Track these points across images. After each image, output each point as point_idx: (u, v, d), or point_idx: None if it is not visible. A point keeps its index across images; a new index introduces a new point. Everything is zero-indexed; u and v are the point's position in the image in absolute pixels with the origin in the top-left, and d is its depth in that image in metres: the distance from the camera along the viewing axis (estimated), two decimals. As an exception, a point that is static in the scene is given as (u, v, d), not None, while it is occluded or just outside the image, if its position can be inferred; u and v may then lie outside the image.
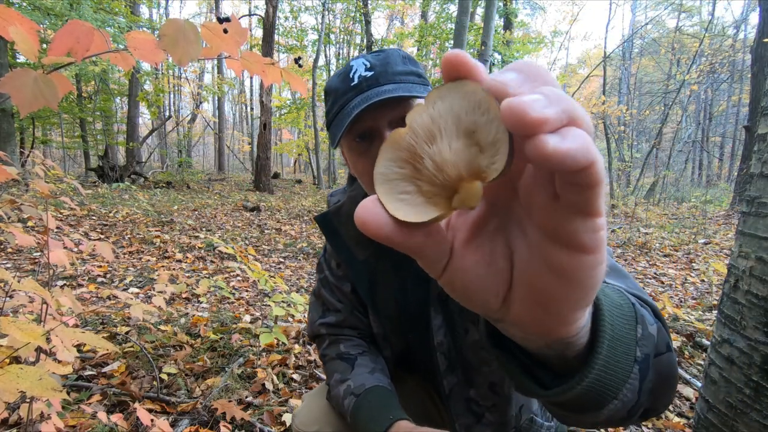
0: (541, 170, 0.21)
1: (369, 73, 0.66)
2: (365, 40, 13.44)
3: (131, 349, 1.89)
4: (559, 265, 0.21)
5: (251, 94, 22.98)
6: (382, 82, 0.66)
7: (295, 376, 1.84)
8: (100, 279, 3.04)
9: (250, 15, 14.79)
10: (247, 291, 3.12)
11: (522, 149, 0.18)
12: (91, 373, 1.72)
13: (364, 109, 0.63)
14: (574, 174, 0.18)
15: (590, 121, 0.19)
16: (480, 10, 11.58)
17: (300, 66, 0.94)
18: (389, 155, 0.24)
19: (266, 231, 5.62)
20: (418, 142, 0.23)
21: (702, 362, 2.07)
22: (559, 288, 0.22)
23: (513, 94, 0.18)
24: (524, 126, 0.17)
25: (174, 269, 3.44)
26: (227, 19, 0.64)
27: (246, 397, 1.65)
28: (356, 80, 0.66)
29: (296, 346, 2.10)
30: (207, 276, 3.37)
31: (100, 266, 3.31)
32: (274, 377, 1.79)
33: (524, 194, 0.22)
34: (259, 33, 13.28)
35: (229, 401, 1.54)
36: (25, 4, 6.64)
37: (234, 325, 2.30)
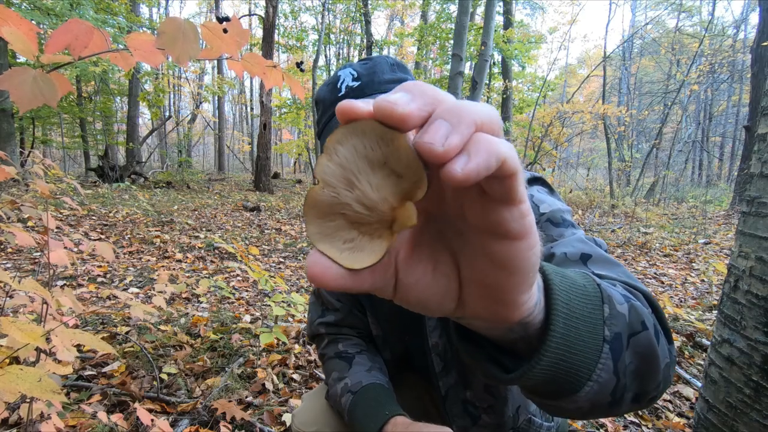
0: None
1: (355, 84, 0.67)
2: (365, 40, 13.44)
3: (131, 349, 1.89)
4: (498, 256, 0.23)
5: (251, 94, 22.98)
6: (368, 93, 0.66)
7: (295, 376, 1.84)
8: (100, 279, 3.04)
9: (250, 15, 14.80)
10: (247, 291, 3.12)
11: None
12: (91, 373, 1.72)
13: None
14: (495, 174, 0.20)
15: (491, 114, 0.20)
16: (480, 10, 11.57)
17: (302, 71, 0.94)
18: (315, 214, 0.23)
19: (266, 231, 5.61)
20: (338, 193, 0.22)
21: (702, 362, 2.07)
22: (502, 276, 0.24)
23: (402, 112, 0.19)
24: (436, 159, 0.19)
25: (174, 269, 3.44)
26: (227, 19, 0.64)
27: (246, 397, 1.65)
28: (343, 90, 0.67)
29: (296, 346, 2.10)
30: (207, 276, 3.37)
31: (100, 266, 3.31)
32: (274, 377, 1.79)
33: (453, 199, 0.24)
34: (259, 33, 13.28)
35: (229, 401, 1.54)
36: (25, 4, 6.64)
37: (234, 325, 2.29)
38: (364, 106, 0.21)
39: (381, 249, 0.23)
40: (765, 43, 7.10)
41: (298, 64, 0.91)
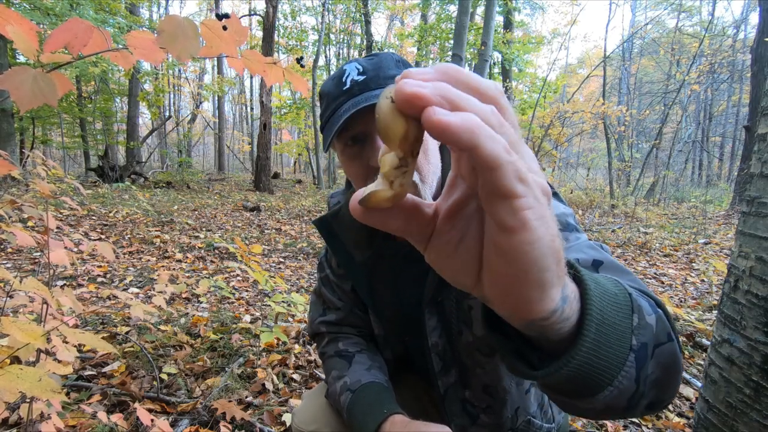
0: (454, 150, 0.26)
1: (361, 78, 0.66)
2: (365, 41, 13.45)
3: (131, 349, 1.89)
4: (498, 244, 0.24)
5: (251, 94, 22.98)
6: (373, 87, 0.66)
7: (295, 376, 1.84)
8: (100, 279, 3.04)
9: (250, 15, 14.78)
10: (247, 291, 3.12)
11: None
12: (91, 373, 1.72)
13: (354, 114, 0.63)
14: (468, 153, 0.21)
15: (488, 108, 0.22)
16: (480, 10, 11.58)
17: (302, 66, 0.94)
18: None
19: (266, 231, 5.62)
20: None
21: (702, 362, 2.07)
22: (504, 266, 0.25)
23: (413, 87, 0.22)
24: (411, 100, 0.21)
25: (174, 269, 3.44)
26: (226, 16, 0.64)
27: (246, 397, 1.65)
28: (348, 84, 0.67)
29: (296, 346, 2.10)
30: (207, 276, 3.37)
31: (100, 266, 3.31)
32: (274, 377, 1.79)
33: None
34: (259, 33, 13.30)
35: (229, 401, 1.54)
36: (25, 4, 6.64)
37: (234, 325, 2.29)
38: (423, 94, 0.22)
39: (373, 187, 0.25)
40: (766, 40, 7.09)
41: (299, 60, 0.90)
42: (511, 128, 0.23)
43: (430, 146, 0.71)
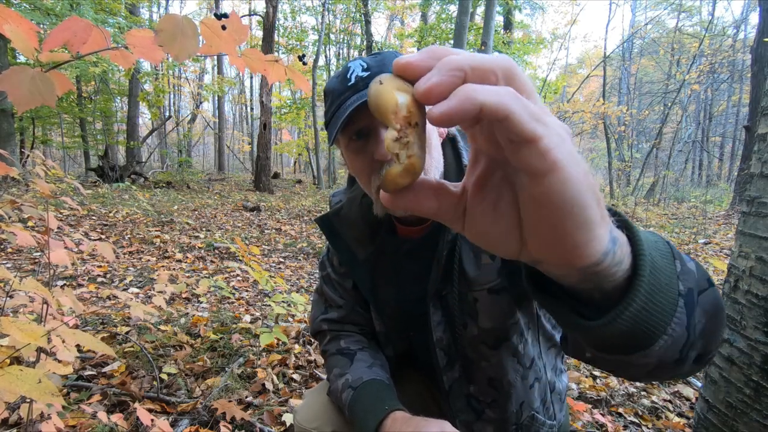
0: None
1: (365, 74, 0.66)
2: (365, 41, 13.45)
3: (131, 349, 1.89)
4: (533, 194, 0.24)
5: (251, 94, 22.98)
6: None
7: (295, 376, 1.84)
8: (100, 279, 3.04)
9: (250, 15, 14.78)
10: (247, 291, 3.12)
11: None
12: (91, 373, 1.72)
13: (359, 107, 0.63)
14: (480, 120, 0.22)
15: (484, 62, 0.23)
16: (480, 10, 11.57)
17: (304, 63, 0.93)
18: None
19: (266, 231, 5.62)
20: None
21: (702, 362, 2.07)
22: (544, 215, 0.25)
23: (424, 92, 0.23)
24: (420, 97, 0.23)
25: (174, 269, 3.44)
26: (225, 15, 0.64)
27: (246, 397, 1.65)
28: (353, 80, 0.67)
29: (296, 346, 2.10)
30: (207, 276, 3.37)
31: (100, 266, 3.31)
32: (274, 377, 1.79)
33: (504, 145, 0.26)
34: (259, 33, 13.30)
35: (229, 401, 1.54)
36: (25, 5, 6.64)
37: (234, 325, 2.29)
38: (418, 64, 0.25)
39: (389, 176, 0.27)
40: (766, 39, 7.08)
41: (300, 57, 0.89)
42: (519, 80, 0.24)
43: (434, 142, 0.71)
